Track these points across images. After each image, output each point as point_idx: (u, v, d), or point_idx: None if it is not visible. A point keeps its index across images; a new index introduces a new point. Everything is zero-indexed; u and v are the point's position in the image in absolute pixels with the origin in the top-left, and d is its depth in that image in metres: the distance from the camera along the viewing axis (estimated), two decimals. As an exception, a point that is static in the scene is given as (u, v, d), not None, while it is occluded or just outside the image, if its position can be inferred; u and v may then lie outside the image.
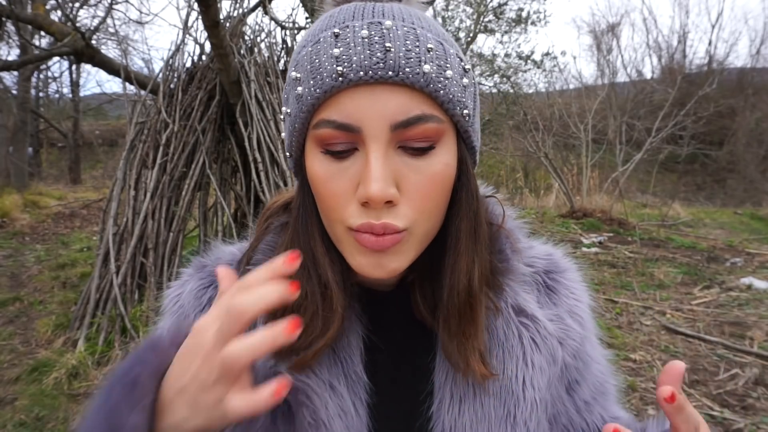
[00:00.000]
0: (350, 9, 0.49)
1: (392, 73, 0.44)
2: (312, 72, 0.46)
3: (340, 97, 0.45)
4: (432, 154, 0.47)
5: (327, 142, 0.47)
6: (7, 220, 7.25)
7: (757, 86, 15.26)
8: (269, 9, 4.42)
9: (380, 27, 0.46)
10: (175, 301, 0.60)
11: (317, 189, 0.48)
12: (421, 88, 0.45)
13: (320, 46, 0.46)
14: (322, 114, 0.46)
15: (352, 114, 0.45)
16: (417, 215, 0.47)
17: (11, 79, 11.61)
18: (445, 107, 0.47)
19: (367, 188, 0.44)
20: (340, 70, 0.44)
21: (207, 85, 4.07)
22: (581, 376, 0.61)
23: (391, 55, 0.44)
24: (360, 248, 0.48)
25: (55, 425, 2.51)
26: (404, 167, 0.46)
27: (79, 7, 10.23)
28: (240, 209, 4.60)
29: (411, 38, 0.46)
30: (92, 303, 3.42)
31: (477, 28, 11.01)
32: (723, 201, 13.01)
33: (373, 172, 0.44)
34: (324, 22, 0.49)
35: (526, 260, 0.60)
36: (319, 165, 0.48)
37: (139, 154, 3.88)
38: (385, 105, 0.44)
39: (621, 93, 13.75)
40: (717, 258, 5.98)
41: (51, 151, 16.72)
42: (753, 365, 3.09)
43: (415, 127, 0.45)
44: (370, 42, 0.45)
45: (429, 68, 0.45)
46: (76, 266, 5.19)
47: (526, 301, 0.57)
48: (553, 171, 9.29)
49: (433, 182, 0.47)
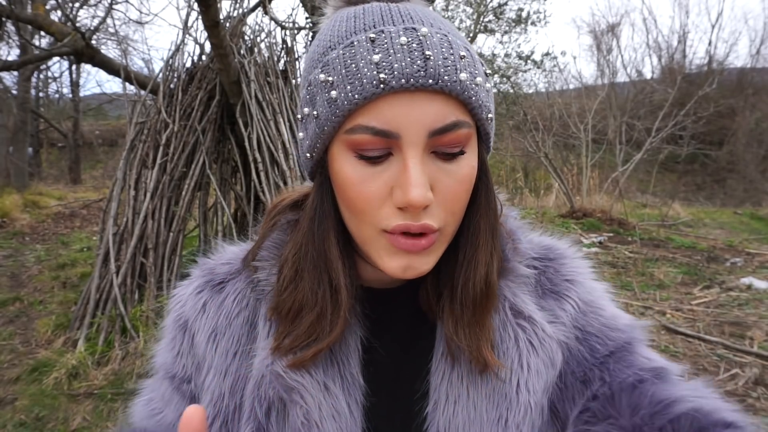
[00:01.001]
0: (376, 11, 0.49)
1: (432, 81, 0.44)
2: (348, 76, 0.46)
3: (378, 103, 0.45)
4: (461, 158, 0.48)
5: (362, 147, 0.47)
6: (7, 220, 7.25)
7: (757, 86, 15.27)
8: (269, 9, 4.42)
9: (416, 34, 0.46)
10: (178, 301, 0.61)
11: (347, 192, 0.48)
12: (456, 96, 0.46)
13: (355, 50, 0.46)
14: (359, 119, 0.46)
15: (390, 121, 0.45)
16: (448, 216, 0.48)
17: (11, 79, 11.63)
18: (475, 112, 0.48)
19: (407, 194, 0.45)
20: (382, 77, 0.44)
21: (207, 85, 4.08)
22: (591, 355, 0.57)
23: (431, 63, 0.45)
24: (393, 249, 0.48)
25: (55, 425, 2.51)
26: (437, 171, 0.47)
27: (79, 7, 10.24)
28: (240, 209, 4.60)
29: (446, 45, 0.46)
30: (92, 303, 3.42)
31: (477, 28, 11.01)
32: (723, 201, 13.01)
33: (413, 178, 0.45)
34: (351, 24, 0.49)
35: (528, 260, 0.59)
36: (352, 168, 0.48)
37: (139, 154, 3.88)
38: (424, 112, 0.45)
39: (621, 93, 13.76)
40: (717, 258, 5.98)
41: (51, 151, 16.72)
42: (753, 365, 3.09)
43: (450, 133, 0.46)
44: (410, 49, 0.45)
45: (465, 76, 0.46)
46: (76, 266, 5.19)
47: (524, 302, 0.56)
48: (553, 171, 9.29)
49: (462, 185, 0.48)
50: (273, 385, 0.52)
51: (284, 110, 3.90)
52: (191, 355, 0.58)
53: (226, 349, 0.56)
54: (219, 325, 0.57)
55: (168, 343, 0.60)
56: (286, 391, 0.51)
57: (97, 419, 2.56)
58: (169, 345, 0.60)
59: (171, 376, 0.59)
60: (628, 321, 0.60)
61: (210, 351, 0.57)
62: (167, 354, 0.60)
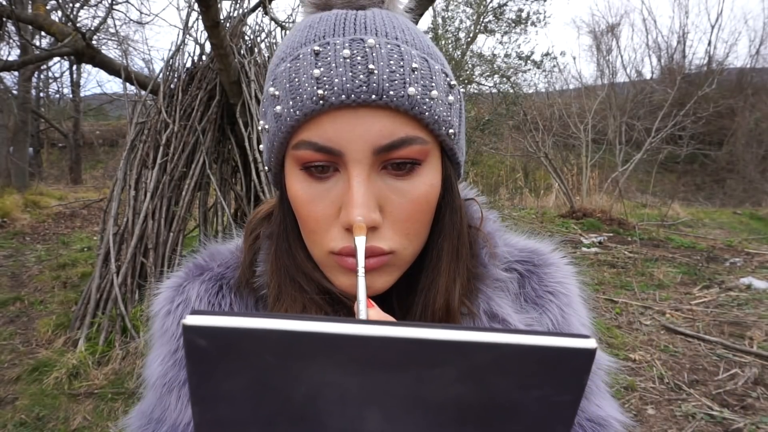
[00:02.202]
0: (331, 20, 0.47)
1: (375, 96, 0.42)
2: (291, 92, 0.44)
3: (321, 120, 0.44)
4: (416, 175, 0.46)
5: (307, 162, 0.46)
6: (8, 220, 7.26)
7: (756, 86, 15.26)
8: (269, 9, 4.42)
9: (362, 45, 0.44)
10: (183, 306, 0.56)
11: (298, 211, 0.48)
12: (405, 111, 0.44)
13: (299, 64, 0.45)
14: (302, 135, 0.45)
15: (332, 138, 0.43)
16: (401, 238, 0.46)
17: (12, 79, 11.62)
18: (431, 128, 0.46)
19: (349, 214, 0.43)
20: (320, 93, 0.42)
21: (207, 85, 4.08)
22: None
23: (375, 77, 0.42)
24: (343, 269, 0.47)
25: (56, 425, 2.51)
26: (387, 190, 0.45)
27: (80, 7, 10.24)
28: (240, 209, 4.60)
29: (395, 57, 0.44)
30: (93, 303, 3.43)
31: (477, 29, 11.01)
32: (722, 201, 13.01)
33: (356, 198, 0.43)
34: (303, 35, 0.47)
35: (506, 264, 0.58)
36: (300, 186, 0.47)
37: (140, 154, 3.88)
38: (368, 129, 0.43)
39: (621, 93, 13.75)
40: (716, 258, 5.98)
41: (52, 151, 16.72)
42: (752, 365, 3.09)
43: (398, 150, 0.44)
44: (353, 63, 0.43)
45: (414, 90, 0.43)
46: (76, 266, 5.19)
47: (499, 306, 0.55)
48: (552, 171, 9.29)
49: (417, 204, 0.46)
50: None
51: (284, 110, 3.89)
52: None
53: None
54: None
55: (171, 352, 0.55)
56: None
57: (97, 419, 2.56)
58: (173, 351, 0.54)
59: (184, 383, 0.53)
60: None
61: None
62: (167, 362, 0.54)
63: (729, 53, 22.97)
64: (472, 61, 11.21)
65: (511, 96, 10.76)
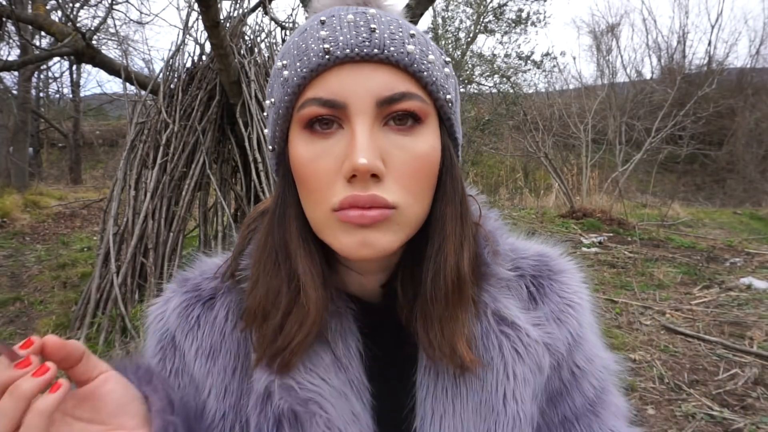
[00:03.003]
0: (336, 3, 0.51)
1: (377, 50, 0.45)
2: (298, 55, 0.47)
3: (326, 76, 0.46)
4: (417, 133, 0.47)
5: (312, 118, 0.46)
6: (8, 220, 7.25)
7: (756, 86, 15.26)
8: (269, 9, 4.42)
9: (365, 13, 0.47)
10: (159, 319, 0.57)
11: (300, 172, 0.47)
12: (405, 67, 0.46)
13: (306, 33, 0.48)
14: (308, 94, 0.46)
15: (337, 91, 0.45)
16: (404, 193, 0.46)
17: (12, 79, 11.62)
18: (429, 89, 0.48)
19: (352, 160, 0.43)
20: (326, 47, 0.45)
21: (207, 85, 4.08)
22: (566, 388, 0.57)
23: (377, 35, 0.45)
24: (344, 226, 0.45)
25: (56, 425, 2.51)
26: (390, 144, 0.46)
27: (80, 7, 10.25)
28: (240, 209, 4.60)
29: (395, 24, 0.47)
30: (93, 303, 3.43)
31: (477, 29, 11.01)
32: (722, 201, 13.01)
33: (359, 143, 0.44)
34: (311, 18, 0.50)
35: (511, 263, 0.57)
36: (304, 147, 0.47)
37: (140, 154, 3.88)
38: (371, 81, 0.45)
39: (621, 93, 13.75)
40: (716, 258, 5.98)
41: (51, 151, 16.72)
42: (752, 365, 3.09)
43: (400, 103, 0.45)
44: (356, 25, 0.46)
45: (413, 48, 0.46)
46: (76, 266, 5.19)
47: (506, 307, 0.54)
48: (552, 171, 9.29)
49: (419, 161, 0.46)
50: (284, 399, 0.50)
51: (284, 110, 3.90)
52: (186, 373, 0.55)
53: (224, 366, 0.54)
54: (215, 342, 0.54)
55: (155, 365, 0.56)
56: (300, 404, 0.50)
57: (97, 419, 2.56)
58: (157, 366, 0.56)
59: None
60: (604, 363, 0.60)
61: (208, 369, 0.54)
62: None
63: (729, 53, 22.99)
64: (472, 61, 11.21)
65: (511, 96, 10.76)
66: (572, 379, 0.58)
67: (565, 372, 0.57)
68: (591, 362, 0.59)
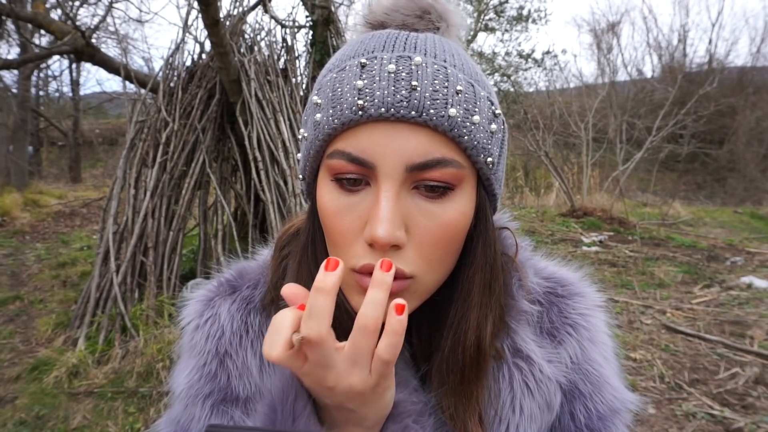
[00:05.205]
0: (382, 37, 0.47)
1: (415, 113, 0.42)
2: (333, 101, 0.45)
3: (357, 130, 0.44)
4: (448, 200, 0.45)
5: (339, 173, 0.45)
6: (8, 219, 7.25)
7: (757, 85, 15.25)
8: (269, 7, 4.41)
9: (409, 63, 0.44)
10: (212, 322, 0.56)
11: (325, 222, 0.47)
12: (444, 132, 0.43)
13: (345, 75, 0.45)
14: (338, 144, 0.45)
15: (366, 149, 0.43)
16: (424, 263, 0.45)
17: (11, 77, 11.61)
18: (468, 153, 0.45)
19: (373, 229, 0.42)
20: (360, 103, 0.43)
21: (207, 83, 4.07)
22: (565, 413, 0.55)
23: (417, 94, 0.42)
24: (361, 289, 0.45)
25: (56, 424, 2.51)
26: (416, 210, 0.44)
27: (79, 5, 10.23)
28: (240, 208, 4.60)
29: (440, 78, 0.44)
30: (92, 302, 3.42)
31: (478, 27, 11.00)
32: (723, 200, 13.00)
33: (382, 213, 0.42)
34: (353, 49, 0.48)
35: (530, 296, 0.56)
36: (330, 197, 0.46)
37: (139, 153, 3.88)
38: (404, 145, 0.43)
39: (621, 92, 13.74)
40: (717, 257, 5.98)
41: (51, 149, 16.72)
42: (753, 364, 3.09)
43: (432, 170, 0.43)
44: (397, 78, 0.43)
45: (455, 112, 0.43)
46: (76, 265, 5.19)
47: (524, 340, 0.53)
48: (553, 170, 9.29)
49: (445, 229, 0.44)
50: None
51: (284, 109, 3.89)
52: (248, 377, 0.54)
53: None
54: None
55: (198, 366, 0.55)
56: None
57: (97, 418, 2.56)
58: (200, 365, 0.55)
59: (209, 396, 0.54)
60: (618, 396, 0.57)
61: (269, 376, 0.53)
62: (194, 374, 0.55)
63: (730, 52, 22.99)
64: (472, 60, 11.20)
65: (511, 94, 10.76)
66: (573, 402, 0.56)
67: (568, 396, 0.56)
68: (603, 392, 0.56)
